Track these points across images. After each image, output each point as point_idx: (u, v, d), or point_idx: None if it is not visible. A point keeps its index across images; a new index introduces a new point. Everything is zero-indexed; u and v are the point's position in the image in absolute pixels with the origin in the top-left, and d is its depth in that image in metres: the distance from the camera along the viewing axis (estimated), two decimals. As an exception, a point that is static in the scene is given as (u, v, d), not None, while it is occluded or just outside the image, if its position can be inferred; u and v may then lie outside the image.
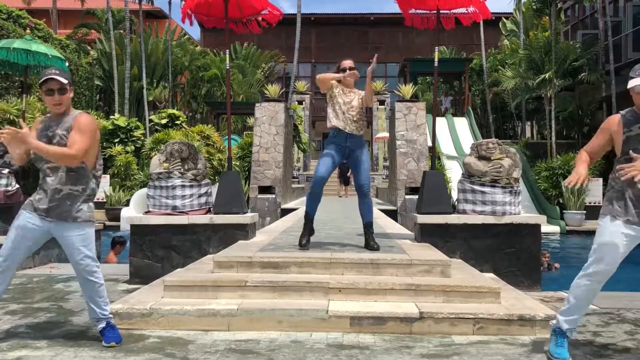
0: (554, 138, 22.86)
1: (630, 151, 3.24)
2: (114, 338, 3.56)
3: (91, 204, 3.65)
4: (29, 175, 14.25)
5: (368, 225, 5.28)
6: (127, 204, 16.33)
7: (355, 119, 5.20)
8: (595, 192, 15.42)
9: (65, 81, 3.55)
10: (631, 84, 3.27)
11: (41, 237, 3.62)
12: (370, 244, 5.15)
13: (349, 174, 18.96)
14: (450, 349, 3.54)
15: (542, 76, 22.58)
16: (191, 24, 6.91)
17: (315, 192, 5.29)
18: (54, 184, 3.52)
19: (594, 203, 15.30)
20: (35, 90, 20.85)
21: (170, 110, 22.25)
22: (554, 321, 3.43)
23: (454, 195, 8.12)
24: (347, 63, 5.23)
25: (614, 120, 3.45)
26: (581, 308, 3.37)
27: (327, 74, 5.29)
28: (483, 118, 31.53)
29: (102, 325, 3.62)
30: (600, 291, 3.51)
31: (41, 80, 3.57)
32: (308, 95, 29.94)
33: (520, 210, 6.31)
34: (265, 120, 14.53)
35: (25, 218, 3.55)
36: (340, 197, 20.75)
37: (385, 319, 3.87)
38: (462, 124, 26.03)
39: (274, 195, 13.93)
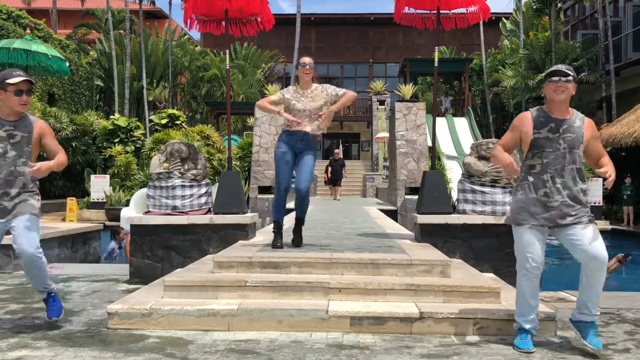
0: (554, 138, 22.79)
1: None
2: (55, 312, 3.95)
3: (39, 197, 3.90)
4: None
5: (299, 221, 5.41)
6: (127, 204, 16.31)
7: (313, 117, 5.10)
8: (595, 192, 15.53)
9: (34, 83, 3.78)
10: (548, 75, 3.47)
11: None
12: (294, 237, 5.31)
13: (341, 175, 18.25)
14: (450, 349, 3.54)
15: (542, 76, 22.57)
16: (191, 28, 6.91)
17: (280, 200, 5.36)
18: (16, 188, 3.75)
19: (594, 203, 15.37)
20: (36, 90, 20.85)
21: (170, 110, 22.25)
22: (516, 324, 3.63)
23: (454, 195, 8.12)
24: (307, 59, 5.11)
25: (525, 120, 3.57)
26: (531, 307, 3.57)
27: (265, 105, 5.20)
28: (483, 118, 31.53)
29: (44, 295, 3.97)
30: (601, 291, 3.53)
31: (11, 80, 3.67)
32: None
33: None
34: (265, 120, 14.53)
35: None
36: (334, 199, 19.01)
37: (385, 319, 3.87)
38: (462, 124, 26.02)
39: (274, 195, 13.91)
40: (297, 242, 5.31)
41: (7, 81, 3.67)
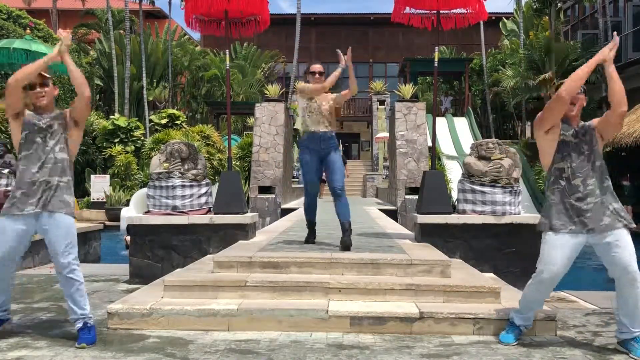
0: (554, 138, 22.78)
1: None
2: (85, 339, 3.53)
3: (73, 197, 3.71)
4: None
5: (344, 224, 5.27)
6: (127, 204, 16.31)
7: (324, 115, 5.28)
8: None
9: (47, 75, 3.70)
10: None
11: (27, 237, 3.66)
12: (344, 241, 5.11)
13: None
14: (450, 349, 3.54)
15: (542, 76, 22.57)
16: (193, 28, 6.90)
17: (311, 202, 5.52)
18: (43, 177, 3.57)
19: (594, 203, 15.58)
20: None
21: (170, 110, 22.23)
22: (510, 315, 3.76)
23: (454, 195, 8.12)
24: (317, 67, 5.31)
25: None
26: (532, 308, 3.70)
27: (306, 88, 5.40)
28: (483, 118, 31.51)
29: (79, 325, 3.59)
30: (601, 291, 3.54)
31: None
32: (308, 95, 29.83)
33: (520, 210, 6.31)
34: (265, 120, 14.52)
35: (10, 224, 3.55)
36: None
37: (385, 319, 3.87)
38: (462, 124, 25.99)
39: (274, 195, 13.92)
40: (345, 244, 5.10)
41: None
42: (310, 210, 5.65)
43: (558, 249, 3.48)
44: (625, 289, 3.44)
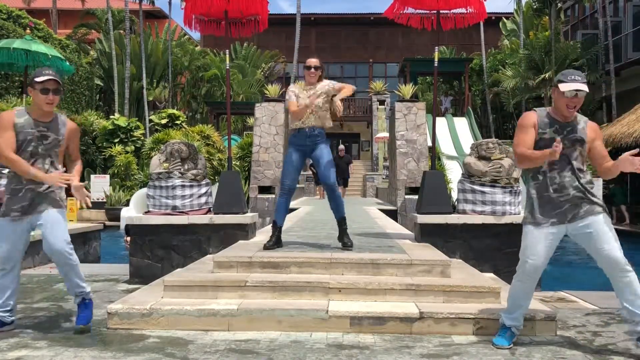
0: (553, 138, 22.77)
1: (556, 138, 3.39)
2: (82, 319, 3.84)
3: (62, 193, 3.89)
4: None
5: (341, 221, 5.18)
6: (127, 204, 16.31)
7: (314, 110, 5.00)
8: (595, 191, 15.74)
9: (61, 83, 3.76)
10: (564, 87, 3.41)
11: (24, 237, 3.84)
12: (343, 240, 5.07)
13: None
14: (450, 349, 3.54)
15: (542, 76, 22.57)
16: (192, 28, 6.90)
17: (282, 201, 5.19)
18: (30, 184, 3.72)
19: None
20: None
21: (170, 110, 22.24)
22: (500, 319, 3.69)
23: (454, 195, 8.12)
24: (312, 62, 5.06)
25: (531, 118, 3.58)
26: (519, 306, 3.63)
27: (294, 108, 5.06)
28: (483, 118, 31.50)
29: (78, 300, 3.88)
30: (600, 291, 3.54)
31: (38, 79, 3.69)
32: (308, 95, 29.81)
33: (520, 210, 6.31)
34: (265, 120, 14.52)
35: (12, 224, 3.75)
36: (319, 198, 19.27)
37: (385, 319, 3.87)
38: (462, 124, 25.99)
39: (274, 195, 13.92)
40: (345, 244, 5.05)
41: (35, 79, 3.71)
42: (279, 211, 5.23)
43: (539, 241, 3.50)
44: (619, 282, 3.39)
